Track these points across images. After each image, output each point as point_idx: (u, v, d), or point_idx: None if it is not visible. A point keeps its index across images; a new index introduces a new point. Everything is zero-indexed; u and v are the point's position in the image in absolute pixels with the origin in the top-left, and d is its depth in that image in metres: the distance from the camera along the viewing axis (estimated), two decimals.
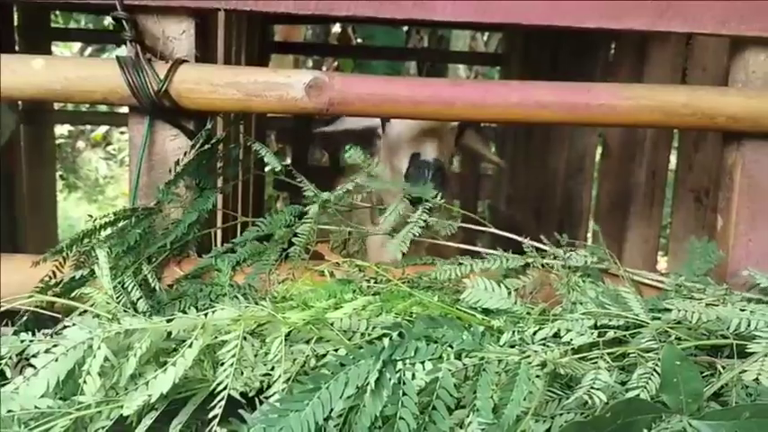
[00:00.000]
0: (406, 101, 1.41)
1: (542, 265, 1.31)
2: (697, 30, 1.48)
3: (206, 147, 1.40)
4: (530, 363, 0.79)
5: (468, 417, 0.79)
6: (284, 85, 1.37)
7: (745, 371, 0.84)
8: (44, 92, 1.36)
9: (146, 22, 1.40)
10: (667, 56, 2.30)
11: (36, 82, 1.34)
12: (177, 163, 1.38)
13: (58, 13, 6.16)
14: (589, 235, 3.04)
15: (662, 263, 3.26)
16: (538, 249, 1.33)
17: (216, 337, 0.86)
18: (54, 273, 1.23)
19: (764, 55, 1.48)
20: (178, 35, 1.42)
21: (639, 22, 1.45)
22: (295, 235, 1.40)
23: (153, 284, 1.27)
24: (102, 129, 8.76)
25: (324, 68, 7.17)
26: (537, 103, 1.41)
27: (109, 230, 1.32)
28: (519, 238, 1.36)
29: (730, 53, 1.53)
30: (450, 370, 0.81)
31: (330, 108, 1.39)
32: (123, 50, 1.39)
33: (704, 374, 0.94)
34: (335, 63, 7.07)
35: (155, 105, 1.35)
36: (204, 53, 1.49)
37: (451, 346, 0.83)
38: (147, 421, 0.83)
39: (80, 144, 9.21)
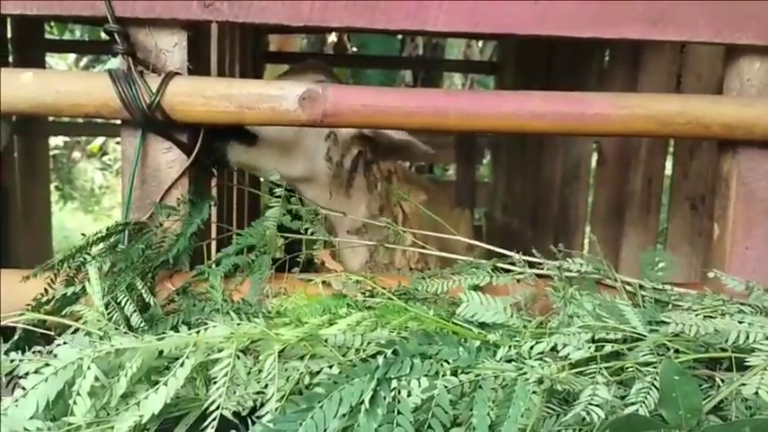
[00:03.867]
0: (400, 112, 1.40)
1: (538, 276, 1.31)
2: (691, 38, 1.48)
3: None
4: (527, 379, 0.78)
5: None
6: (277, 96, 1.36)
7: (745, 384, 0.83)
8: (34, 106, 1.34)
9: (138, 34, 1.40)
10: (662, 64, 2.30)
11: (25, 96, 1.33)
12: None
13: (53, 24, 6.16)
14: (585, 242, 3.03)
15: None
16: (531, 264, 1.33)
17: (208, 355, 0.85)
18: (46, 289, 1.22)
19: (759, 63, 1.47)
20: (170, 47, 1.41)
21: (632, 31, 1.44)
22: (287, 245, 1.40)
23: (147, 300, 1.26)
24: (99, 141, 8.77)
25: None
26: (531, 113, 1.41)
27: (102, 245, 1.31)
28: (508, 253, 1.35)
29: (725, 61, 1.53)
30: (446, 387, 0.80)
31: (324, 120, 1.38)
32: (117, 62, 1.38)
33: (703, 388, 0.94)
34: None
35: (147, 118, 1.34)
36: (197, 65, 1.48)
37: (447, 363, 0.82)
38: None
39: (76, 154, 9.20)
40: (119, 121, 1.42)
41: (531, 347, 0.92)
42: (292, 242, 1.47)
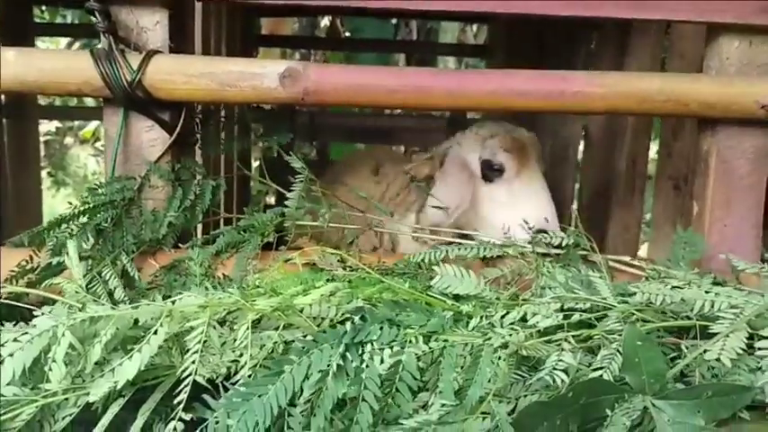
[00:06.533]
0: (383, 90, 1.41)
1: (521, 254, 1.32)
2: (672, 17, 1.49)
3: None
4: (492, 345, 0.79)
5: (431, 398, 0.80)
6: (258, 75, 1.37)
7: (708, 351, 0.85)
8: (18, 83, 1.35)
9: (119, 12, 1.40)
10: (647, 45, 2.30)
11: (9, 73, 1.34)
12: None
13: (44, 8, 6.12)
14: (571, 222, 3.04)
15: (644, 250, 3.28)
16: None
17: (183, 325, 0.86)
18: (31, 257, 1.23)
19: (738, 41, 1.48)
20: (152, 26, 1.42)
21: (616, 11, 1.45)
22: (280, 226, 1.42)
23: (132, 274, 1.28)
24: (92, 126, 8.73)
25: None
26: (513, 91, 1.42)
27: (86, 220, 1.33)
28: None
29: (706, 41, 1.54)
30: (416, 354, 0.82)
31: (305, 98, 1.39)
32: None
33: (671, 356, 0.96)
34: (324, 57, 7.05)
35: (128, 96, 1.35)
36: (180, 45, 1.49)
37: (415, 330, 0.83)
38: (115, 408, 0.83)
39: (68, 140, 9.17)
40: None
41: (503, 317, 0.94)
42: None
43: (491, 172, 1.67)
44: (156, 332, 0.81)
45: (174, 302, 0.87)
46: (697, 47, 2.06)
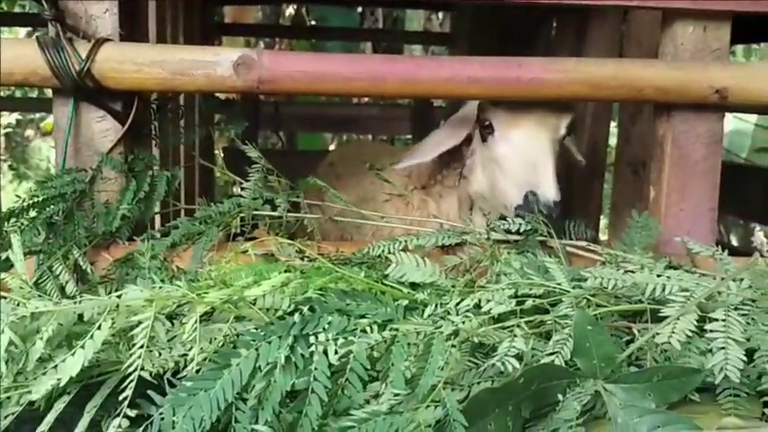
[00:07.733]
0: (338, 78, 1.39)
1: (479, 241, 1.32)
2: (627, 3, 1.50)
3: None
4: (443, 333, 0.79)
5: (383, 388, 0.79)
6: (211, 63, 1.35)
7: (658, 334, 0.86)
8: None
9: (67, 1, 1.36)
10: (605, 33, 2.32)
11: None
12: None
13: None
14: None
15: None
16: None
17: (130, 319, 0.84)
18: None
19: (692, 27, 1.50)
20: (101, 14, 1.38)
21: None
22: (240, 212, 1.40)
23: (85, 267, 1.25)
24: (52, 118, 8.54)
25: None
26: (468, 78, 1.41)
27: (34, 213, 1.30)
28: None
29: (661, 26, 1.55)
30: (368, 343, 0.81)
31: (260, 86, 1.37)
32: None
33: (624, 339, 0.96)
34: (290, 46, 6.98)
35: (78, 86, 1.32)
36: (132, 34, 1.46)
37: (367, 319, 0.82)
38: (60, 405, 0.81)
39: (29, 132, 8.98)
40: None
41: (457, 304, 0.93)
42: None
43: (483, 129, 1.55)
44: (99, 327, 0.79)
45: (119, 297, 0.84)
46: (654, 34, 2.08)
